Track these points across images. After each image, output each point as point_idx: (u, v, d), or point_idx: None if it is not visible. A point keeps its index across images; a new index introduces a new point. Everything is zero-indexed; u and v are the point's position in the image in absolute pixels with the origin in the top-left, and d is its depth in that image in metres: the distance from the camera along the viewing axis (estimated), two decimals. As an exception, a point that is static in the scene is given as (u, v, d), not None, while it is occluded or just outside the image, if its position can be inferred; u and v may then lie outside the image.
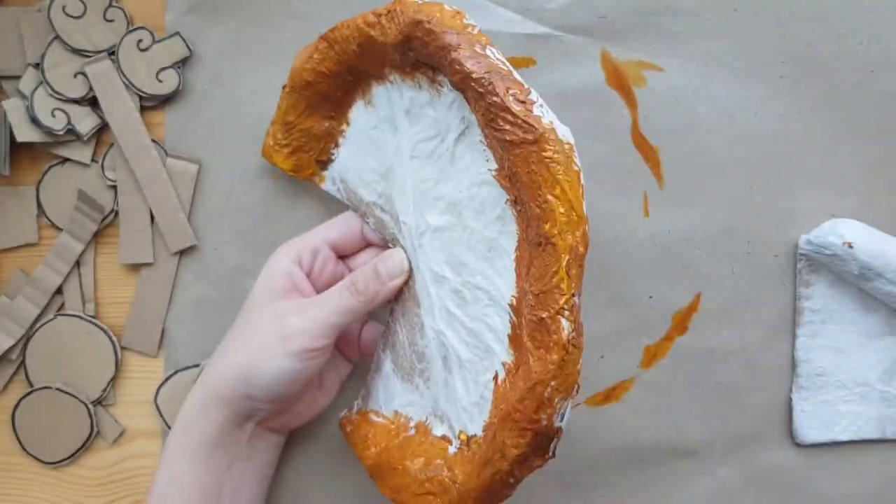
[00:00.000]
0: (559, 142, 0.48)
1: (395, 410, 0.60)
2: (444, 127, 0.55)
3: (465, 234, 0.55)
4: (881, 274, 0.62)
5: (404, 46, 0.53)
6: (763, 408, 0.66)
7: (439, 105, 0.55)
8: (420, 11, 0.52)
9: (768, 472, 0.66)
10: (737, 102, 0.65)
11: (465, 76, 0.50)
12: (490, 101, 0.49)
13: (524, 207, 0.49)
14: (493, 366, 0.53)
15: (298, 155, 0.62)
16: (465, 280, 0.55)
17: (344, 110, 0.61)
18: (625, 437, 0.65)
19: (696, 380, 0.66)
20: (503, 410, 0.49)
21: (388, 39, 0.54)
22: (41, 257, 0.66)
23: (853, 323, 0.65)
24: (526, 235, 0.50)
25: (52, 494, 0.66)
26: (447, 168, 0.55)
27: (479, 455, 0.52)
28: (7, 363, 0.66)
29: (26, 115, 0.64)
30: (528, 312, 0.48)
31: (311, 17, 0.65)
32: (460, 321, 0.55)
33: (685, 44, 0.65)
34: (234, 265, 0.66)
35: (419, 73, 0.55)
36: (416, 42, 0.52)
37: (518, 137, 0.48)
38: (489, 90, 0.49)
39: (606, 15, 0.65)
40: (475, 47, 0.50)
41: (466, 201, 0.54)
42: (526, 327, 0.49)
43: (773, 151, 0.65)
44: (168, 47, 0.65)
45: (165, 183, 0.65)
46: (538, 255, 0.48)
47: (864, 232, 0.63)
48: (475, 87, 0.49)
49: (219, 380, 0.56)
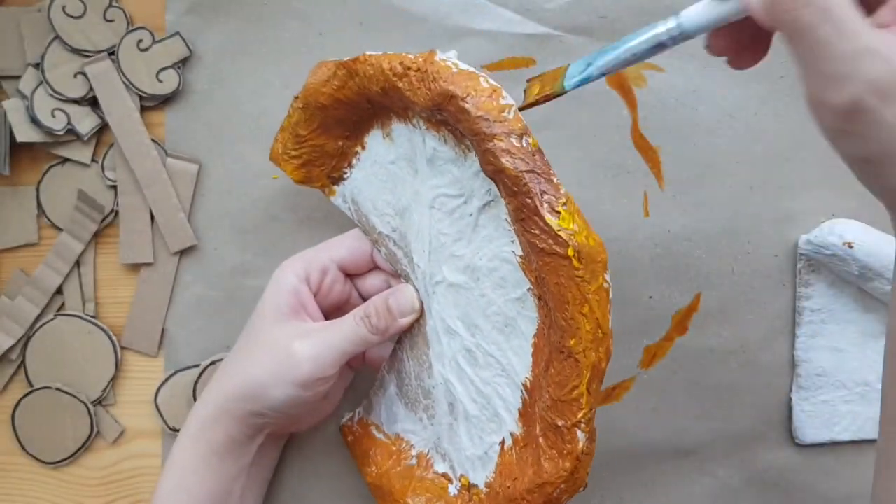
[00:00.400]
0: (592, 261, 0.47)
1: (396, 433, 0.61)
2: (468, 190, 0.53)
3: (482, 300, 0.54)
4: (881, 274, 0.62)
5: (433, 110, 0.50)
6: (763, 408, 0.66)
7: (465, 168, 0.52)
8: (454, 83, 0.48)
9: (768, 471, 0.66)
10: (737, 102, 0.65)
11: (498, 170, 0.47)
12: (523, 202, 0.47)
13: (548, 309, 0.49)
14: (501, 431, 0.54)
15: (309, 168, 0.60)
16: (478, 343, 0.55)
17: (360, 133, 0.59)
18: (625, 437, 0.65)
19: (696, 380, 0.65)
20: (511, 491, 0.51)
21: (417, 99, 0.50)
22: (41, 257, 0.66)
23: (853, 323, 0.65)
24: (548, 334, 0.50)
25: (52, 494, 0.66)
26: (468, 231, 0.54)
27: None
28: (7, 363, 0.66)
29: (26, 115, 0.64)
30: (544, 410, 0.49)
31: (311, 17, 0.65)
32: (470, 379, 0.56)
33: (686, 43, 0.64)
34: (234, 265, 0.66)
35: (446, 129, 0.52)
36: (448, 114, 0.49)
37: (548, 247, 0.47)
38: (523, 191, 0.47)
39: (606, 15, 0.65)
40: (511, 138, 0.47)
41: (486, 271, 0.53)
42: (540, 422, 0.50)
43: (773, 151, 0.65)
44: (168, 47, 0.65)
45: (165, 183, 0.65)
46: (559, 360, 0.48)
47: (864, 232, 0.63)
48: (508, 184, 0.47)
49: (229, 397, 0.56)
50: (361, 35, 0.65)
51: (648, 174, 0.65)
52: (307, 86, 0.57)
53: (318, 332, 0.56)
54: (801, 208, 0.65)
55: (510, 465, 0.52)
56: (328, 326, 0.57)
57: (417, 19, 0.64)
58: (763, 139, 0.65)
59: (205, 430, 0.56)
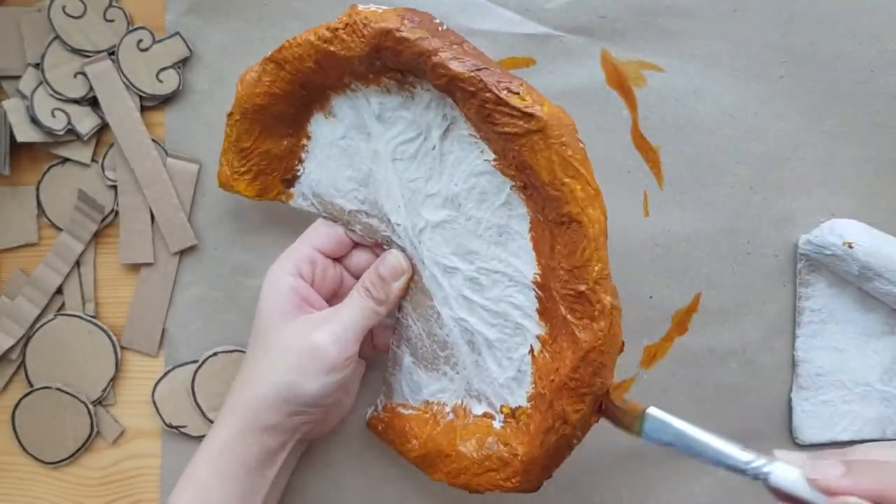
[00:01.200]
0: (563, 124, 0.49)
1: (425, 400, 0.61)
2: (424, 126, 0.55)
3: (469, 223, 0.55)
4: (881, 274, 0.62)
5: (372, 57, 0.53)
6: (763, 408, 0.66)
7: (415, 106, 0.55)
8: (385, 20, 0.51)
9: (768, 471, 0.66)
10: (737, 102, 0.65)
11: (451, 78, 0.50)
12: (483, 98, 0.50)
13: (536, 191, 0.51)
14: (527, 341, 0.55)
15: (262, 178, 0.61)
16: (478, 267, 0.56)
17: (301, 125, 0.60)
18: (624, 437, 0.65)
19: (696, 380, 0.66)
20: (557, 381, 0.52)
21: (353, 53, 0.53)
22: (41, 257, 0.66)
23: (853, 323, 0.66)
24: (544, 216, 0.51)
25: (52, 494, 0.66)
26: (436, 165, 0.56)
27: (536, 425, 0.54)
28: (7, 363, 0.66)
29: (26, 115, 0.64)
30: (562, 287, 0.51)
31: (311, 17, 0.65)
32: (481, 305, 0.57)
33: (685, 44, 0.65)
34: (235, 265, 0.66)
35: (385, 77, 0.55)
36: (387, 52, 0.52)
37: (521, 129, 0.49)
38: (481, 88, 0.49)
39: (606, 15, 0.65)
40: (453, 47, 0.50)
41: (465, 193, 0.55)
42: (562, 301, 0.51)
43: (773, 151, 0.65)
44: (168, 47, 0.65)
45: (165, 183, 0.65)
46: (562, 233, 0.50)
47: (864, 232, 0.63)
48: (465, 87, 0.50)
49: (260, 407, 0.56)
50: None
51: (648, 174, 0.65)
52: (239, 95, 0.58)
53: (330, 317, 0.57)
54: (801, 208, 0.65)
55: (547, 366, 0.54)
56: (337, 309, 0.57)
57: (417, 19, 0.64)
58: (763, 139, 0.65)
59: (233, 446, 0.56)
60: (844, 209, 0.65)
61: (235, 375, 0.59)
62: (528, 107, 0.49)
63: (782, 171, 0.65)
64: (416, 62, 0.51)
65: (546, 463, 0.54)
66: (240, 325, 0.66)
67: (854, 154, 0.65)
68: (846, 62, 0.65)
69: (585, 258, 0.49)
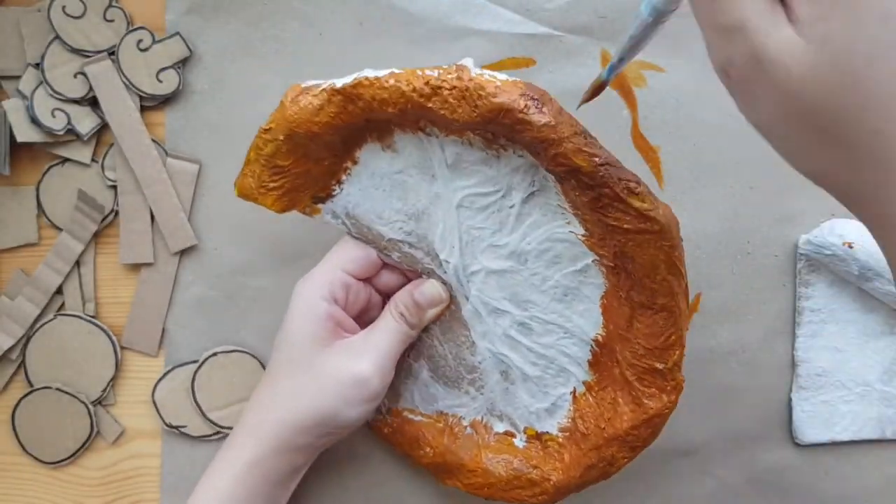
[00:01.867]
0: (674, 226, 0.52)
1: (439, 410, 0.63)
2: (504, 186, 0.55)
3: (533, 278, 0.57)
4: (881, 274, 0.62)
5: (478, 126, 0.51)
6: (763, 408, 0.66)
7: (499, 166, 0.54)
8: (506, 95, 0.49)
9: (768, 472, 0.66)
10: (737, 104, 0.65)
11: (573, 169, 0.50)
12: (601, 193, 0.51)
13: (627, 275, 0.54)
14: (569, 383, 0.60)
15: (291, 195, 0.57)
16: (532, 315, 0.58)
17: (350, 150, 0.57)
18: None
19: (696, 380, 0.65)
20: (610, 432, 0.57)
21: (458, 117, 0.50)
22: (41, 257, 0.66)
23: (853, 323, 0.66)
24: (626, 295, 0.55)
25: (52, 494, 0.66)
26: (509, 222, 0.56)
27: (573, 458, 0.59)
28: (7, 363, 0.66)
29: (26, 115, 0.64)
30: (633, 358, 0.55)
31: (311, 17, 0.65)
32: (527, 347, 0.59)
33: (686, 44, 0.65)
34: (235, 265, 0.66)
35: (473, 134, 0.53)
36: (500, 127, 0.50)
37: (635, 227, 0.51)
38: (601, 183, 0.50)
39: (606, 15, 0.65)
40: (578, 137, 0.50)
41: (536, 253, 0.57)
42: (628, 368, 0.56)
43: (772, 152, 0.65)
44: (168, 47, 0.65)
45: (165, 183, 0.65)
46: (647, 316, 0.54)
47: (864, 232, 0.62)
48: (584, 180, 0.51)
49: (297, 430, 0.56)
50: (361, 35, 0.65)
51: (648, 174, 0.65)
52: (289, 117, 0.54)
53: (368, 344, 0.57)
54: (801, 208, 0.65)
55: (589, 408, 0.59)
56: (372, 334, 0.58)
57: (417, 19, 0.64)
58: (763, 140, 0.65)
59: (262, 463, 0.56)
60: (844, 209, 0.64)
61: (258, 388, 0.59)
62: (648, 210, 0.50)
63: (782, 172, 0.64)
64: (534, 145, 0.50)
65: (576, 490, 0.59)
66: (240, 325, 0.66)
67: (855, 154, 0.65)
68: (847, 62, 0.65)
69: (669, 343, 0.54)
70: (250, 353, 0.66)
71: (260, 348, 0.66)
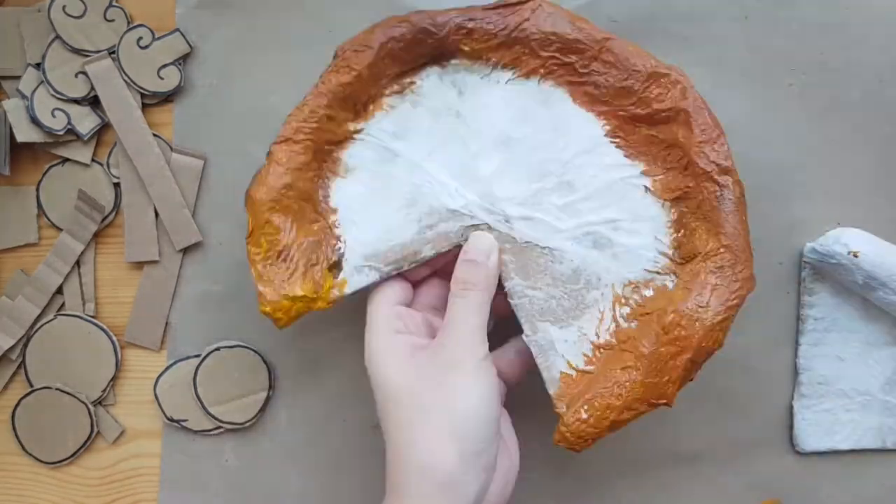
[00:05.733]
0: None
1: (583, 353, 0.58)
2: (440, 103, 0.58)
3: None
4: (885, 284, 0.61)
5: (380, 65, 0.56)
6: (764, 415, 0.66)
7: (424, 96, 0.58)
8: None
9: (768, 479, 0.66)
10: (745, 109, 0.65)
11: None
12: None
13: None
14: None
15: (310, 273, 0.56)
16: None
17: (326, 201, 0.58)
18: (625, 442, 0.65)
19: (697, 385, 0.65)
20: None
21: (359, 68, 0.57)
22: (41, 257, 0.66)
23: (856, 332, 0.65)
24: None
25: (52, 494, 0.67)
26: (458, 127, 0.58)
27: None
28: (7, 363, 0.66)
29: (26, 115, 0.64)
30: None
31: (321, 15, 0.65)
32: (606, 219, 0.58)
33: (694, 48, 0.64)
34: (239, 260, 0.66)
35: (385, 98, 0.58)
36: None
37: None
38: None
39: (617, 18, 0.64)
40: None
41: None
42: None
43: (779, 159, 0.65)
44: (168, 44, 0.64)
45: (169, 180, 0.65)
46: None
47: (870, 242, 0.62)
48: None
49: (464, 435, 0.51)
50: None
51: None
52: (258, 200, 0.56)
53: (448, 345, 0.53)
54: (807, 216, 0.65)
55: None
56: (446, 327, 0.54)
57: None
58: (770, 147, 0.65)
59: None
60: (850, 218, 0.65)
61: (399, 457, 0.52)
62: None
63: (788, 179, 0.65)
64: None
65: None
66: (243, 321, 0.66)
67: (861, 163, 0.65)
68: (855, 71, 0.65)
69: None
70: (253, 349, 0.66)
71: (263, 344, 0.66)
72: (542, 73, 0.57)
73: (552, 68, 0.57)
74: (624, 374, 0.55)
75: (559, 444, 0.55)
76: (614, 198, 0.57)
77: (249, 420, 0.66)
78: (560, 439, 0.55)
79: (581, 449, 0.55)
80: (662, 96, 0.56)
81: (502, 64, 0.58)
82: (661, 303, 0.56)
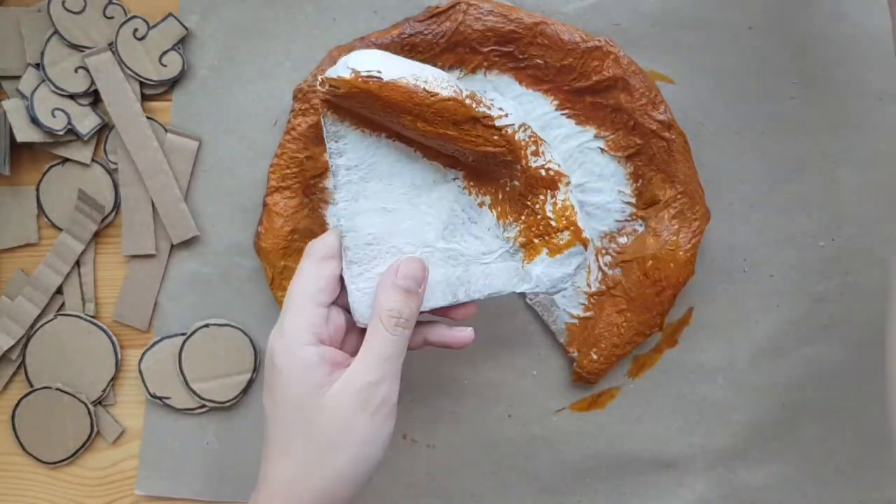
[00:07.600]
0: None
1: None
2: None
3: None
4: None
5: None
6: (745, 426, 0.67)
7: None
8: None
9: (747, 490, 0.67)
10: (744, 120, 0.65)
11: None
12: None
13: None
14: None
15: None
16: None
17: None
18: (607, 445, 0.67)
19: (681, 393, 0.67)
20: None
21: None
22: (41, 257, 0.66)
23: (398, 175, 0.56)
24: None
25: (52, 494, 0.67)
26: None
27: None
28: (7, 363, 0.66)
29: (26, 115, 0.63)
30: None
31: (326, 2, 0.65)
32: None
33: (697, 57, 0.64)
34: (231, 243, 0.66)
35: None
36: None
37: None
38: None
39: (621, 23, 0.64)
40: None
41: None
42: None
43: (775, 171, 0.65)
44: (164, 31, 0.64)
45: (167, 174, 0.64)
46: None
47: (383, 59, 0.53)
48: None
49: (330, 490, 0.51)
50: (375, 22, 0.64)
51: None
52: (268, 250, 0.64)
53: (369, 375, 0.51)
54: (801, 230, 0.66)
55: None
56: (369, 359, 0.52)
57: (431, 10, 0.64)
58: (766, 158, 0.65)
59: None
60: (845, 234, 0.66)
61: (271, 468, 0.52)
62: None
63: (783, 192, 0.66)
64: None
65: None
66: (232, 303, 0.66)
67: (857, 180, 0.66)
68: (856, 88, 0.65)
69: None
70: (242, 330, 0.66)
71: (251, 327, 0.66)
72: (486, 66, 0.62)
73: (494, 60, 0.62)
74: (620, 316, 0.65)
75: (577, 383, 0.67)
76: (575, 164, 0.64)
77: (231, 400, 0.66)
78: (577, 378, 0.66)
79: (596, 381, 0.66)
80: (599, 67, 0.62)
81: (448, 67, 0.62)
82: (636, 247, 0.64)
